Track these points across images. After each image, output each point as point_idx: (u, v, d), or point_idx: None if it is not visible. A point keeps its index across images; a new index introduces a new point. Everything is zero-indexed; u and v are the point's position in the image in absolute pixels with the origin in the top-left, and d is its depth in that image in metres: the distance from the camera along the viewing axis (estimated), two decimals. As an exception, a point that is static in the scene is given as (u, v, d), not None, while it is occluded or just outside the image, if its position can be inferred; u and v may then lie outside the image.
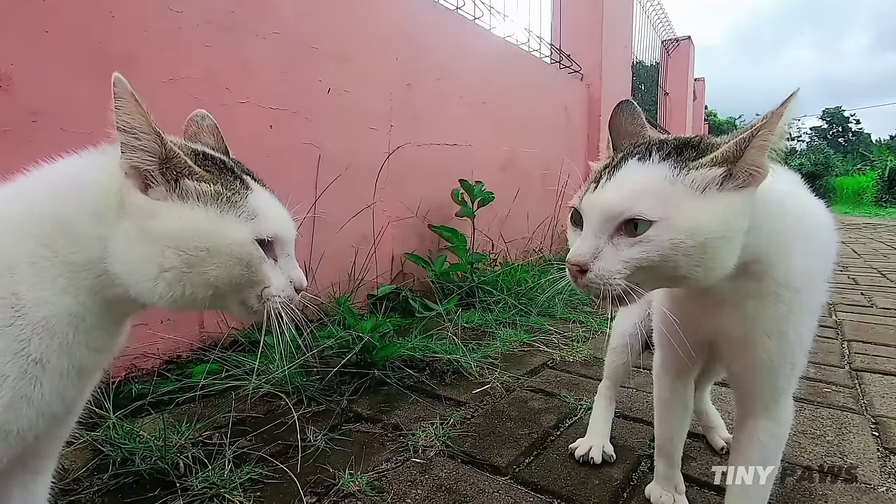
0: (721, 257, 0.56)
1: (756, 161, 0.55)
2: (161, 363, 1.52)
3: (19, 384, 0.47)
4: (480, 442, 1.15)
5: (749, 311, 0.65)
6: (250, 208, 0.54)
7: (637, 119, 0.71)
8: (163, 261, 0.49)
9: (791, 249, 0.64)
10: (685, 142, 0.61)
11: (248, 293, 0.55)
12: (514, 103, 3.32)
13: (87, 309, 0.51)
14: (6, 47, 1.22)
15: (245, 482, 0.96)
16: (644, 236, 0.55)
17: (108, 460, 1.02)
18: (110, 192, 0.50)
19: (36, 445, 0.53)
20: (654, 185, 0.56)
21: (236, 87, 1.71)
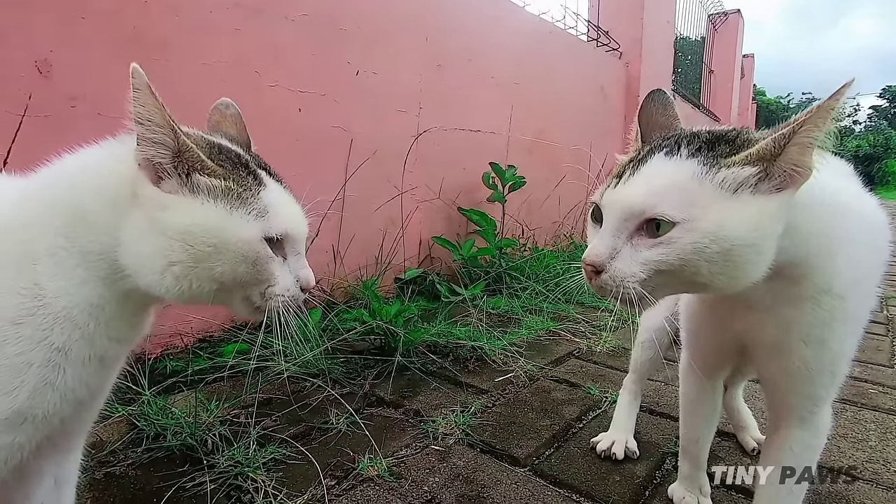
0: (748, 266, 0.51)
1: (797, 160, 0.50)
2: (194, 341, 1.57)
3: (43, 371, 0.49)
4: (501, 432, 1.15)
5: (785, 316, 0.61)
6: (261, 205, 0.53)
7: (669, 109, 0.67)
8: (170, 254, 0.49)
9: (836, 252, 0.58)
10: (719, 136, 0.56)
11: (253, 290, 0.55)
12: (547, 84, 3.22)
13: (106, 300, 0.52)
14: (46, 34, 1.26)
15: (268, 462, 0.99)
16: (665, 238, 0.51)
17: (143, 434, 1.06)
18: (125, 182, 0.51)
19: (63, 428, 0.55)
20: (680, 182, 0.52)
21: (266, 70, 1.72)
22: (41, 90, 1.26)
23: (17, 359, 0.48)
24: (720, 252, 0.50)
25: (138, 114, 0.48)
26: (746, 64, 11.09)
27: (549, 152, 3.26)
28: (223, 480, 0.93)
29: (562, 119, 3.38)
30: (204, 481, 0.92)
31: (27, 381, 0.48)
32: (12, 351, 0.48)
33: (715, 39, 8.38)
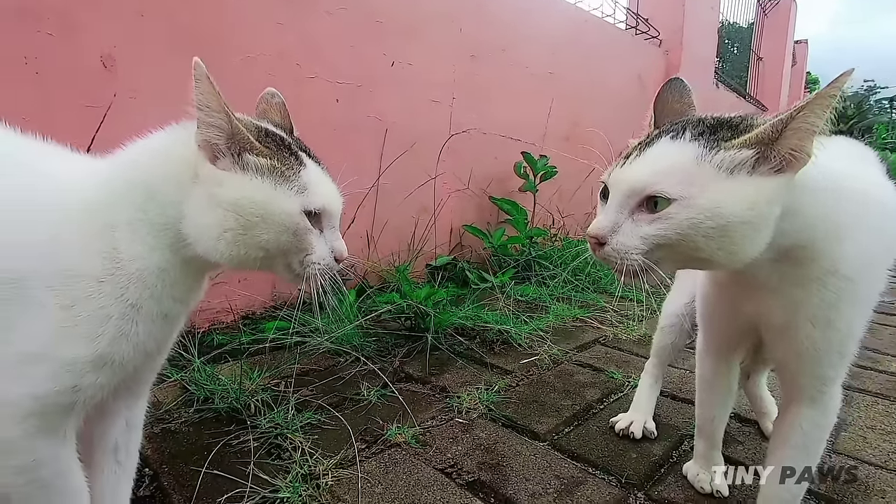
0: (745, 242, 0.54)
1: (794, 145, 0.53)
2: (238, 318, 1.69)
3: (120, 323, 0.57)
4: (522, 409, 1.20)
5: (792, 298, 0.63)
6: (301, 183, 0.60)
7: (685, 98, 0.69)
8: (225, 223, 0.56)
9: (843, 236, 0.60)
10: (723, 121, 0.58)
11: (293, 258, 0.61)
12: (582, 73, 3.20)
13: (171, 265, 0.60)
14: (111, 31, 1.37)
15: (304, 426, 1.07)
16: (663, 213, 0.55)
17: (193, 397, 1.17)
18: (188, 162, 0.58)
19: (135, 375, 0.64)
20: (680, 163, 0.55)
21: (306, 63, 1.80)
22: (106, 83, 1.37)
23: (100, 311, 0.56)
24: (716, 228, 0.53)
25: (199, 101, 0.55)
26: (799, 50, 10.53)
27: (581, 141, 3.24)
28: (265, 440, 1.02)
29: (597, 109, 3.35)
30: (248, 439, 1.01)
31: (108, 331, 0.56)
32: (97, 304, 0.56)
33: (765, 25, 8.00)
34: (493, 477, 0.93)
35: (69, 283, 0.55)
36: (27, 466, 0.55)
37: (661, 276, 0.58)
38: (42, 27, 1.27)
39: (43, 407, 0.54)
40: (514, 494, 0.88)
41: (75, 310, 0.55)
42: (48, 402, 0.55)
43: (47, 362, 0.54)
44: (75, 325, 0.55)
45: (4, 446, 0.54)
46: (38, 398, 0.54)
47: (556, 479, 0.93)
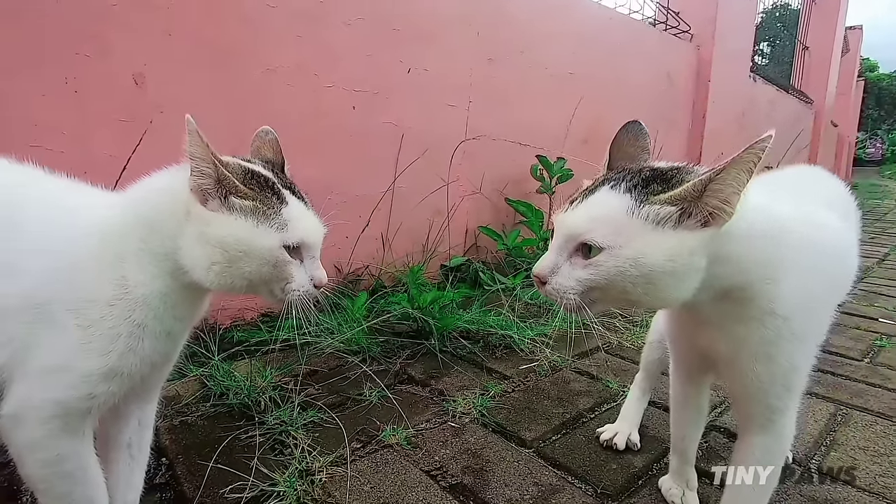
0: (668, 289, 0.58)
1: (715, 205, 0.56)
2: (258, 316, 1.80)
3: (128, 340, 0.66)
4: (514, 415, 1.25)
5: (735, 334, 0.66)
6: (282, 220, 0.67)
7: (640, 141, 0.72)
8: (212, 257, 0.64)
9: (779, 278, 0.63)
10: (659, 174, 0.62)
11: (275, 286, 0.69)
12: (605, 73, 3.16)
13: (172, 289, 0.68)
14: (141, 50, 1.48)
15: (307, 424, 1.16)
16: (593, 260, 0.59)
17: (210, 392, 1.28)
18: (183, 202, 0.66)
19: (143, 384, 0.73)
20: (612, 214, 0.59)
21: (323, 72, 1.88)
22: (137, 99, 1.49)
23: (111, 330, 0.65)
24: (640, 276, 0.57)
25: (190, 151, 0.63)
26: (852, 37, 9.95)
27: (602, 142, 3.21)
28: (270, 435, 1.12)
29: (620, 109, 3.31)
30: (255, 435, 1.11)
31: (118, 347, 0.65)
32: (108, 325, 0.65)
33: (812, 11, 7.60)
34: (475, 481, 0.99)
35: (86, 307, 0.64)
36: (51, 460, 0.65)
37: (591, 315, 0.62)
38: (80, 49, 1.39)
39: (64, 410, 0.64)
40: (493, 499, 0.94)
41: (91, 330, 0.64)
42: (68, 407, 0.64)
43: (67, 373, 0.64)
44: (90, 342, 0.64)
45: (32, 443, 0.64)
46: (59, 403, 0.63)
47: (534, 486, 0.98)
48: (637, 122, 0.74)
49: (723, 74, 4.15)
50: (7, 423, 0.63)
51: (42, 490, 0.67)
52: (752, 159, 0.54)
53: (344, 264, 2.05)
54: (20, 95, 1.31)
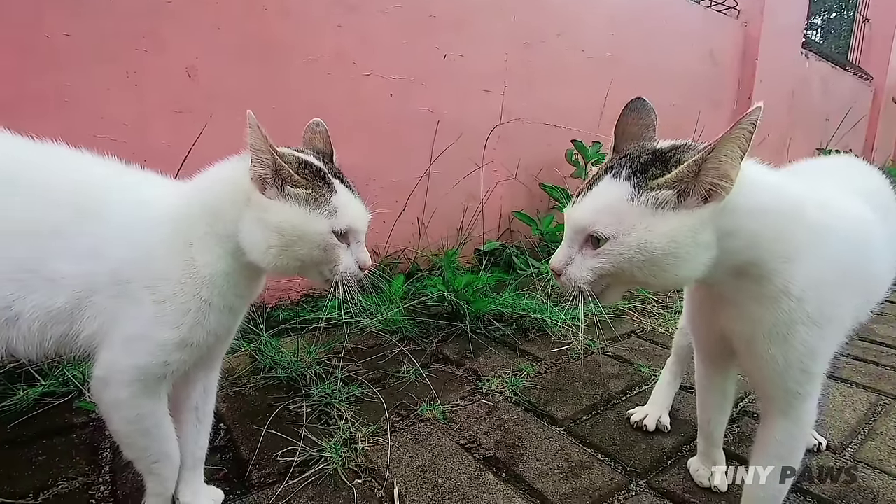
0: (676, 269, 0.60)
1: (712, 183, 0.58)
2: (301, 296, 1.89)
3: (197, 314, 0.74)
4: (546, 395, 1.29)
5: (752, 313, 0.67)
6: (332, 207, 0.73)
7: (644, 118, 0.73)
8: (270, 240, 0.71)
9: (794, 258, 0.64)
10: (658, 157, 0.63)
11: (324, 268, 0.75)
12: (645, 54, 3.08)
13: (234, 269, 0.75)
14: (193, 44, 1.57)
15: (350, 397, 1.24)
16: (601, 250, 0.62)
17: (260, 366, 1.37)
18: (245, 189, 0.73)
19: (209, 353, 0.81)
20: (614, 203, 0.62)
21: (362, 61, 1.93)
22: (191, 91, 1.58)
23: (182, 305, 0.73)
24: (645, 260, 0.60)
25: (251, 144, 0.69)
26: (920, 7, 9.20)
27: (642, 126, 3.15)
28: (316, 407, 1.20)
29: (660, 91, 3.22)
30: (302, 406, 1.20)
31: (188, 320, 0.73)
32: (180, 301, 0.73)
33: (875, -19, 7.07)
34: (508, 455, 1.05)
35: (160, 285, 0.72)
36: (133, 418, 0.75)
37: (604, 302, 0.68)
38: (139, 45, 1.48)
39: (144, 375, 0.73)
40: (524, 472, 1.00)
41: (165, 305, 0.72)
42: (147, 372, 0.73)
43: (146, 342, 0.72)
44: (164, 315, 0.72)
45: (117, 403, 0.73)
46: (139, 368, 0.72)
47: (564, 462, 1.03)
48: (640, 100, 0.75)
49: (772, 52, 3.96)
50: (97, 384, 0.73)
51: (126, 444, 0.77)
52: (742, 134, 0.55)
53: (381, 248, 2.12)
54: (89, 89, 1.42)
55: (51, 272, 0.69)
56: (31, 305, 0.68)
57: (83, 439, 1.07)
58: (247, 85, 1.68)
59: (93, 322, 0.71)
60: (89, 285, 0.70)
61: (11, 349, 0.70)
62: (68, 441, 1.06)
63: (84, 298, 0.71)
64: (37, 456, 1.01)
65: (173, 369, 0.74)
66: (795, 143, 4.57)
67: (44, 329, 0.69)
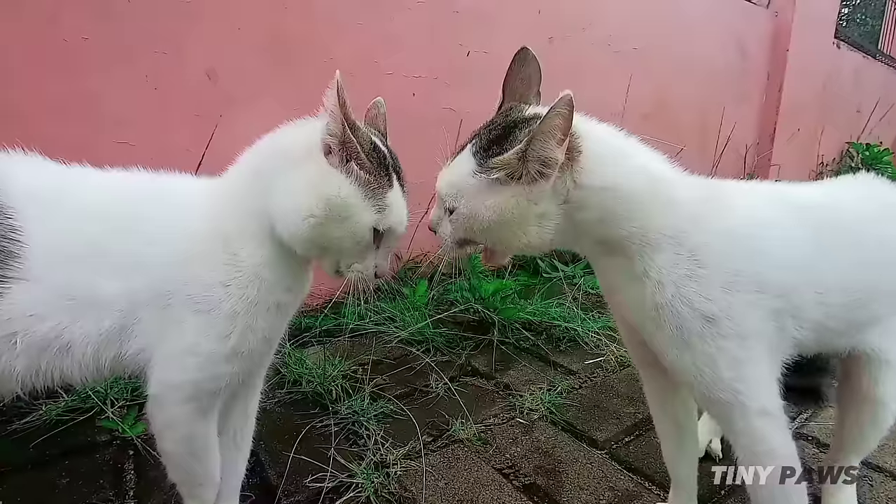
0: (511, 237, 0.67)
1: (535, 168, 0.62)
2: (322, 303, 1.85)
3: (246, 318, 0.69)
4: (583, 414, 1.23)
5: (633, 294, 0.69)
6: (384, 203, 0.68)
7: (525, 69, 0.75)
8: (313, 208, 0.66)
9: (654, 243, 0.66)
10: (499, 135, 0.68)
11: (344, 259, 0.71)
12: (671, 46, 2.97)
13: (277, 255, 0.70)
14: (214, 46, 1.52)
15: (378, 414, 1.19)
16: (451, 217, 0.69)
17: (284, 379, 1.33)
18: (302, 146, 0.68)
19: (254, 363, 0.76)
20: (460, 178, 0.68)
21: (384, 59, 1.86)
22: (210, 93, 1.53)
23: (230, 311, 0.68)
24: (481, 229, 0.67)
25: (327, 106, 0.65)
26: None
27: (669, 120, 3.05)
28: (343, 425, 1.15)
29: (686, 84, 3.11)
30: (329, 424, 1.15)
31: (237, 327, 0.69)
32: (227, 306, 0.68)
33: (908, -35, 6.79)
34: (549, 482, 0.99)
35: (204, 292, 0.68)
36: (184, 439, 0.72)
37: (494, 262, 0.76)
38: (158, 47, 1.44)
39: (199, 391, 0.69)
40: (568, 502, 0.94)
41: (212, 314, 0.68)
42: (200, 388, 0.69)
43: (196, 356, 0.68)
44: (212, 325, 0.68)
45: (171, 422, 0.70)
46: (192, 383, 0.69)
47: (609, 491, 0.97)
48: (524, 50, 0.76)
49: (803, 42, 3.80)
50: (152, 403, 0.70)
51: (174, 465, 0.75)
52: (554, 122, 0.59)
53: (403, 251, 2.07)
54: (108, 94, 1.38)
55: (95, 294, 0.66)
56: (81, 332, 0.65)
57: (106, 460, 1.04)
58: (267, 87, 1.62)
59: (142, 339, 0.68)
60: (134, 301, 0.67)
61: (68, 378, 0.67)
62: (91, 462, 1.03)
63: (130, 316, 0.67)
64: (61, 478, 0.98)
65: (225, 383, 0.71)
66: (827, 136, 4.41)
67: (97, 354, 0.67)
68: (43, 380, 0.66)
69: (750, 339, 0.68)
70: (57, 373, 0.66)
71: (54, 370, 0.66)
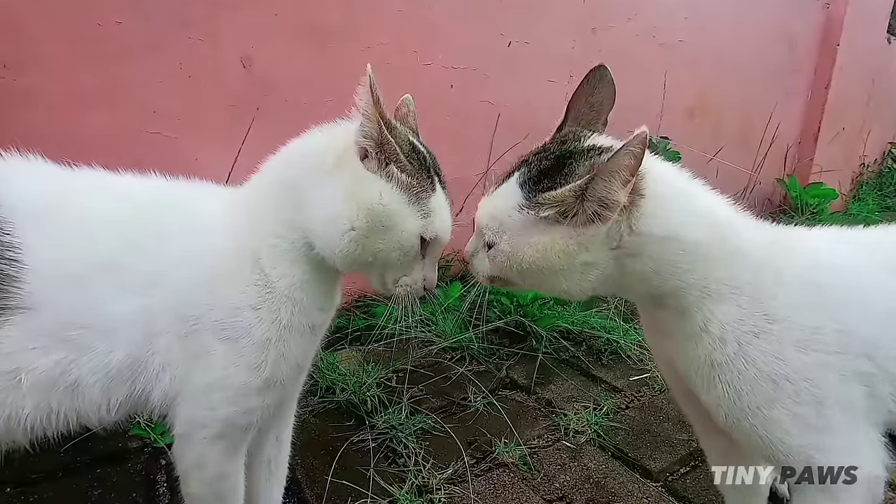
0: (553, 283, 0.60)
1: (594, 209, 0.55)
2: (353, 301, 1.79)
3: (279, 345, 0.62)
4: (634, 439, 1.16)
5: (686, 351, 0.62)
6: (428, 208, 0.62)
7: (594, 95, 0.67)
8: (355, 220, 0.59)
9: (717, 294, 0.59)
10: (552, 165, 0.60)
11: (391, 273, 0.64)
12: (717, 38, 2.82)
13: (310, 274, 0.64)
14: (249, 32, 1.44)
15: (416, 430, 1.13)
16: (489, 253, 0.63)
17: (317, 385, 1.28)
18: (333, 153, 0.61)
19: (286, 392, 0.71)
20: (503, 210, 0.61)
21: (423, 49, 1.77)
22: (245, 83, 1.46)
23: (262, 338, 0.62)
24: (519, 270, 0.60)
25: (360, 106, 0.59)
26: None
27: (713, 117, 2.91)
28: (381, 441, 1.10)
29: (731, 79, 2.96)
30: (366, 439, 1.09)
31: (270, 356, 0.62)
32: (259, 332, 0.62)
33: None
34: (604, 518, 0.92)
35: (233, 317, 0.61)
36: (212, 479, 0.66)
37: None
38: (193, 34, 1.37)
39: (228, 429, 0.63)
40: (626, 542, 0.87)
41: (241, 342, 0.61)
42: (230, 424, 0.63)
43: (225, 390, 0.62)
44: (242, 355, 0.61)
45: (200, 462, 0.64)
46: (222, 420, 0.62)
47: (671, 531, 0.90)
48: (601, 69, 0.68)
49: (855, 37, 3.60)
50: (179, 443, 0.64)
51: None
52: (624, 162, 0.52)
53: (435, 250, 2.00)
54: (140, 81, 1.32)
55: (104, 321, 0.58)
56: (89, 368, 0.58)
57: (138, 469, 1.00)
58: (303, 75, 1.55)
59: (164, 376, 0.61)
60: (150, 330, 0.60)
61: (84, 420, 0.60)
62: (123, 471, 0.99)
63: (145, 346, 0.60)
64: (92, 489, 0.94)
65: (258, 416, 0.65)
66: (873, 136, 4.21)
67: (107, 392, 0.59)
68: (56, 424, 0.58)
69: (832, 407, 0.59)
70: (73, 415, 0.59)
71: (68, 412, 0.58)
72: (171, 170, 0.72)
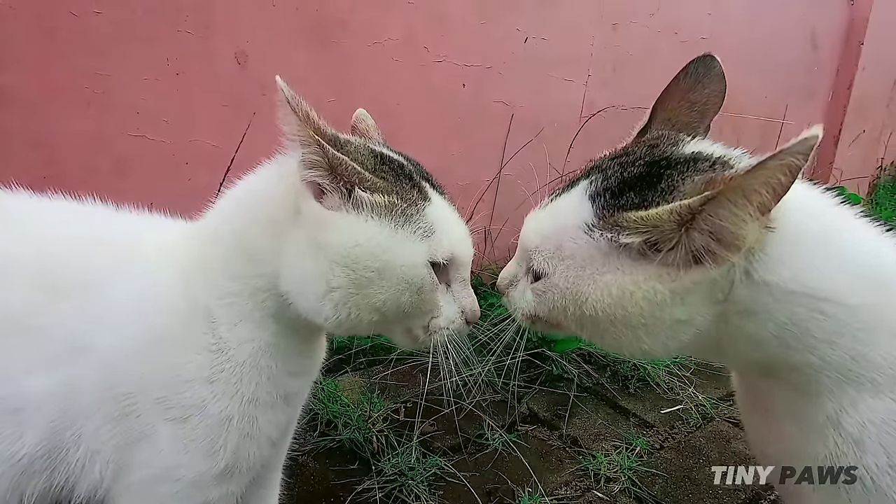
0: (626, 340, 0.44)
1: (703, 242, 0.38)
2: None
3: (242, 424, 0.50)
4: (673, 487, 1.03)
5: (788, 436, 0.46)
6: (427, 223, 0.48)
7: (696, 92, 0.53)
8: (331, 278, 0.45)
9: (876, 387, 0.40)
10: (646, 174, 0.44)
11: (415, 322, 0.51)
12: (740, 35, 2.68)
13: (279, 336, 0.51)
14: (244, 25, 1.31)
15: (429, 476, 1.01)
16: (536, 286, 0.48)
17: (317, 419, 1.15)
18: (286, 200, 0.48)
19: (264, 469, 0.59)
20: (564, 229, 0.46)
21: (434, 45, 1.64)
22: (240, 80, 1.33)
23: (219, 415, 0.49)
24: (576, 316, 0.45)
25: (285, 130, 0.45)
26: None
27: (729, 118, 2.77)
28: (390, 490, 0.97)
29: (752, 77, 2.81)
30: (373, 488, 0.97)
31: (230, 437, 0.50)
32: (213, 409, 0.49)
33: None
34: None
35: (180, 392, 0.48)
36: None
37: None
38: (182, 26, 1.23)
39: None
40: None
41: (192, 421, 0.48)
42: None
43: (172, 483, 0.49)
44: (192, 439, 0.49)
45: None
46: None
47: None
48: (708, 58, 0.56)
49: (880, 35, 3.46)
50: None
51: None
52: (773, 180, 0.36)
53: (443, 261, 1.87)
54: (123, 79, 1.19)
55: (10, 398, 0.45)
56: None
57: None
58: (303, 73, 1.42)
59: (92, 467, 0.48)
60: (72, 407, 0.46)
61: None
62: None
63: (65, 429, 0.47)
64: None
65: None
66: (894, 139, 4.07)
67: (18, 486, 0.46)
68: None
69: None
70: None
71: None
72: (156, 177, 0.59)
